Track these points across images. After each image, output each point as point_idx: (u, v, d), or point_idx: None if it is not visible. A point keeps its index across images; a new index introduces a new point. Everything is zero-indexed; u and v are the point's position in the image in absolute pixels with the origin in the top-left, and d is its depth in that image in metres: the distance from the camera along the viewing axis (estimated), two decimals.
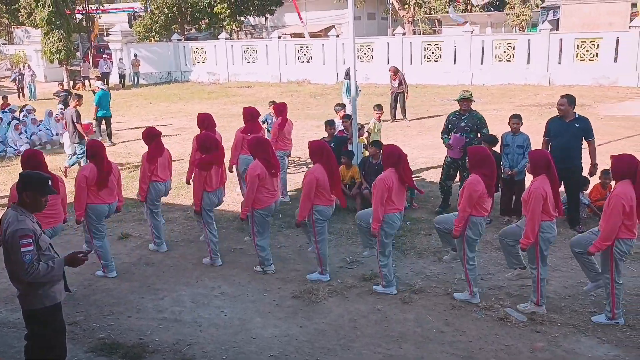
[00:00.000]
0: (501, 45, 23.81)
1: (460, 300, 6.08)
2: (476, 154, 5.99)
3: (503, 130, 8.72)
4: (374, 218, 6.06)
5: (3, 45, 40.19)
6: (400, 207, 6.21)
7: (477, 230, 5.93)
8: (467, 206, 5.81)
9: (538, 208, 5.54)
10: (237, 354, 5.22)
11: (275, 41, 28.04)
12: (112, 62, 29.61)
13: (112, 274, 6.93)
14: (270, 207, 6.70)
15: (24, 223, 4.03)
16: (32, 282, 4.08)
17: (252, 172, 6.51)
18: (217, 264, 7.13)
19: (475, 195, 5.78)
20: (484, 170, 5.87)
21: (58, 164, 12.81)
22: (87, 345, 5.40)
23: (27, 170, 4.60)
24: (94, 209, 6.63)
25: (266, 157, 6.61)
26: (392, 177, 6.07)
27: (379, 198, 6.00)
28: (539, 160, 5.78)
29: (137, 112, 20.64)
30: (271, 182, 6.63)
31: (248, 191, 6.55)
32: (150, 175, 7.39)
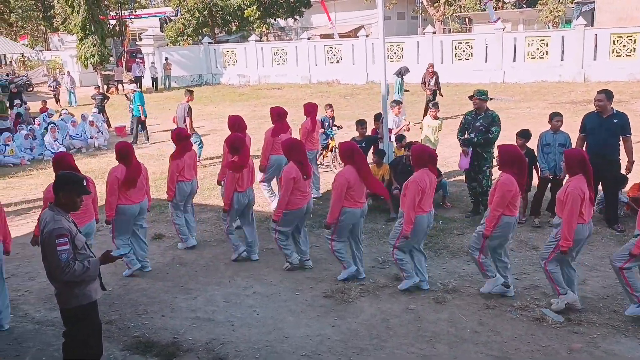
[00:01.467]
0: (534, 42, 23.39)
1: (483, 292, 5.99)
2: (507, 153, 5.84)
3: (536, 129, 8.55)
4: (406, 220, 5.96)
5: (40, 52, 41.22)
6: (428, 209, 6.12)
7: (507, 230, 5.81)
8: (499, 206, 5.69)
9: (576, 209, 5.38)
10: (270, 353, 5.23)
11: (305, 42, 28.11)
12: (144, 66, 30.09)
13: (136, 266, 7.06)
14: (302, 208, 6.71)
15: (60, 223, 4.12)
16: (68, 281, 4.17)
17: (287, 174, 6.53)
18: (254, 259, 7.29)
19: (508, 195, 5.66)
20: (515, 169, 5.74)
21: (92, 166, 13.09)
22: (122, 344, 5.48)
23: (64, 171, 4.69)
24: (124, 210, 6.76)
25: (300, 159, 6.63)
26: (425, 178, 5.99)
27: (411, 201, 5.92)
28: (575, 159, 5.60)
29: (170, 115, 20.85)
30: (304, 184, 6.65)
31: (283, 194, 6.57)
32: (177, 176, 7.55)
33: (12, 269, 7.43)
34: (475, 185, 8.49)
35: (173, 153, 7.68)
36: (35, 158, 14.63)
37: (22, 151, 14.70)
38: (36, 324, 6.00)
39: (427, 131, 10.70)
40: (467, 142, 8.27)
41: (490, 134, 8.13)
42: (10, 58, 41.67)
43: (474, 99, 8.28)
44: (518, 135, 8.14)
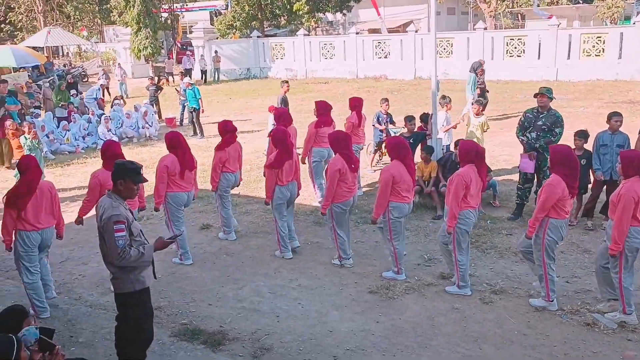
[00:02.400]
0: (590, 39, 22.60)
1: (536, 306, 5.82)
2: (558, 153, 5.66)
3: (591, 129, 8.28)
4: (450, 215, 5.91)
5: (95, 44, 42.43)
6: (476, 204, 6.04)
7: (558, 233, 5.63)
8: (543, 208, 5.53)
9: (628, 212, 5.19)
10: (314, 346, 5.26)
11: (353, 37, 27.99)
12: (194, 59, 30.59)
13: (188, 262, 7.19)
14: (349, 201, 6.72)
15: (117, 209, 4.25)
16: (123, 267, 4.30)
17: (333, 166, 6.55)
18: (288, 257, 7.23)
19: (554, 197, 5.48)
20: (565, 170, 5.55)
21: (143, 156, 13.42)
22: (170, 330, 5.61)
23: (122, 160, 4.83)
24: (173, 196, 6.93)
25: (347, 152, 6.64)
26: (471, 174, 5.91)
27: (455, 195, 5.85)
28: (631, 161, 5.37)
29: (218, 108, 21.21)
30: (351, 176, 6.65)
31: (329, 186, 6.60)
32: (221, 166, 7.67)
33: (66, 252, 7.71)
34: (529, 187, 8.28)
35: (218, 144, 7.82)
36: (89, 147, 15.09)
37: (77, 139, 15.19)
38: (89, 307, 6.20)
39: (472, 128, 10.51)
40: (530, 146, 8.01)
41: (553, 136, 7.90)
42: (67, 49, 43.06)
43: (541, 97, 7.99)
44: (576, 135, 7.91)
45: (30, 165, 5.81)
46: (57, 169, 12.67)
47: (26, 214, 5.70)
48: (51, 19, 43.97)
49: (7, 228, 5.75)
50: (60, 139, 14.82)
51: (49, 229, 5.94)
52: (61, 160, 13.60)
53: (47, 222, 5.89)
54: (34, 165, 5.85)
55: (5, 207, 5.75)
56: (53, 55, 38.67)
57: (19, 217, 5.70)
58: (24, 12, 44.10)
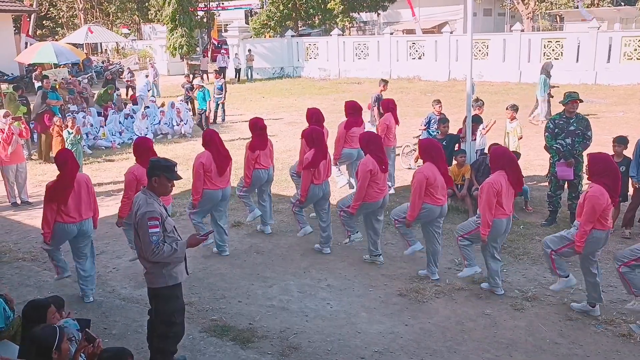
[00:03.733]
0: (631, 42, 22.04)
1: (578, 310, 5.73)
2: (598, 162, 5.51)
3: (631, 134, 8.08)
4: (482, 223, 5.85)
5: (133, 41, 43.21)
6: (509, 212, 5.95)
7: (598, 244, 5.53)
8: (589, 220, 5.38)
9: None
10: (342, 346, 5.27)
11: (387, 37, 27.87)
12: (228, 57, 30.88)
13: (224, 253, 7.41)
14: (378, 202, 6.72)
15: (152, 206, 4.34)
16: (157, 262, 4.38)
17: (364, 167, 6.55)
18: (326, 252, 7.37)
19: (599, 208, 5.34)
20: (606, 179, 5.41)
21: (177, 152, 13.61)
22: (201, 326, 5.69)
23: (157, 157, 4.92)
24: (209, 194, 7.04)
25: (378, 152, 6.63)
26: (501, 181, 5.82)
27: (487, 203, 5.78)
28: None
29: (251, 106, 21.39)
30: (381, 177, 6.64)
31: (360, 186, 6.61)
32: (254, 163, 7.74)
33: (102, 246, 7.87)
34: (560, 193, 8.12)
35: (249, 142, 7.89)
36: (124, 142, 15.37)
37: (113, 135, 15.50)
38: (122, 300, 6.33)
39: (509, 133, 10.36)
40: (568, 152, 7.84)
41: (587, 140, 7.75)
42: (105, 46, 43.95)
43: (573, 103, 7.78)
44: (615, 142, 7.72)
45: (68, 159, 5.95)
46: (93, 164, 12.93)
47: (66, 207, 5.86)
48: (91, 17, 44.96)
49: (48, 221, 5.91)
50: (96, 134, 15.13)
51: (87, 221, 6.10)
52: (98, 155, 13.88)
53: (86, 214, 6.06)
54: (71, 159, 5.99)
55: (46, 201, 5.90)
56: (92, 52, 39.54)
57: (59, 210, 5.85)
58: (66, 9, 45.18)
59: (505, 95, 20.16)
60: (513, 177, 5.90)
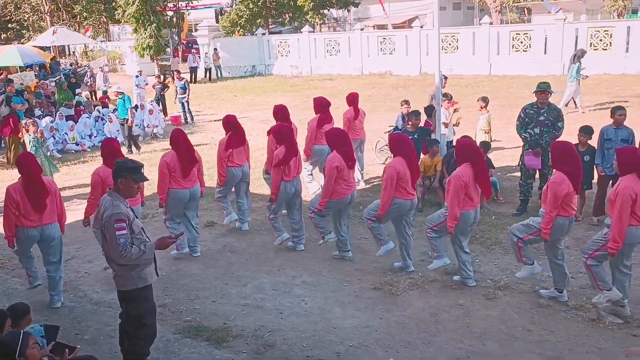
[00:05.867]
0: (597, 33, 22.45)
1: (547, 296, 5.81)
2: (560, 150, 5.60)
3: (598, 123, 8.22)
4: (450, 216, 5.88)
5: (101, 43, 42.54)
6: (476, 204, 6.01)
7: (561, 230, 5.60)
8: (553, 207, 5.46)
9: (627, 210, 5.10)
10: (317, 342, 5.27)
11: (358, 33, 27.92)
12: (199, 57, 30.61)
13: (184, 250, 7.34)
14: (346, 198, 6.72)
15: (118, 208, 4.27)
16: (125, 264, 4.32)
17: (331, 163, 6.55)
18: (300, 249, 7.34)
19: (560, 195, 5.42)
20: (568, 167, 5.48)
21: (148, 154, 13.45)
22: (174, 327, 5.63)
23: (123, 159, 4.85)
24: (174, 193, 7.00)
25: (344, 148, 6.63)
26: (468, 173, 5.87)
27: (454, 196, 5.81)
28: (627, 157, 5.30)
29: (223, 105, 21.25)
30: (348, 173, 6.65)
31: (327, 183, 6.60)
32: (226, 161, 7.73)
33: (73, 250, 7.75)
34: (531, 182, 8.24)
35: (223, 139, 7.87)
36: (95, 145, 15.14)
37: (82, 138, 15.26)
38: (94, 305, 6.24)
39: (479, 125, 10.47)
40: (535, 142, 7.95)
41: (557, 131, 7.85)
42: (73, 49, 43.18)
43: (542, 94, 7.88)
44: (581, 131, 7.85)
45: (29, 163, 5.86)
46: (63, 168, 12.72)
47: (26, 211, 5.75)
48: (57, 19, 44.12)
49: (9, 224, 5.82)
50: (65, 137, 14.86)
51: (51, 225, 5.98)
52: (68, 159, 13.66)
53: (49, 218, 5.94)
54: (33, 163, 5.89)
55: (6, 204, 5.79)
56: (60, 55, 38.82)
57: (19, 214, 5.75)
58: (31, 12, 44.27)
59: (476, 88, 20.36)
60: (478, 170, 5.93)
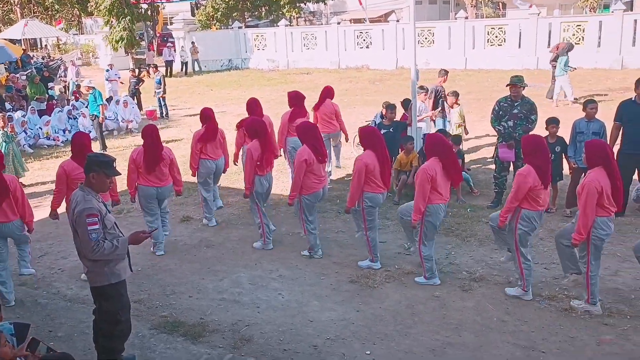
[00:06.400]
0: (570, 28, 22.76)
1: (511, 295, 5.84)
2: (530, 143, 5.65)
3: (571, 117, 8.35)
4: (415, 209, 5.89)
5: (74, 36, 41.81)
6: (446, 198, 6.03)
7: (530, 224, 5.63)
8: (515, 198, 5.52)
9: (591, 202, 5.18)
10: (295, 336, 5.26)
11: (335, 27, 27.91)
12: (175, 51, 30.28)
13: (159, 252, 7.24)
14: (318, 193, 6.70)
15: (90, 203, 4.20)
16: (98, 260, 4.26)
17: (300, 157, 6.52)
18: (269, 248, 7.23)
19: (524, 187, 5.46)
20: (536, 160, 5.53)
21: (120, 150, 13.28)
22: (150, 323, 5.58)
23: (95, 153, 4.78)
24: (141, 190, 7.01)
25: (314, 142, 6.62)
26: (436, 167, 5.88)
27: (420, 189, 5.83)
28: (595, 150, 5.37)
29: (199, 99, 21.07)
30: (319, 168, 6.63)
31: (296, 176, 6.58)
32: (199, 153, 7.78)
33: (45, 247, 7.63)
34: (505, 175, 8.33)
35: (197, 131, 7.92)
36: (68, 140, 14.89)
37: (56, 132, 15.00)
38: (68, 301, 6.15)
39: (453, 119, 10.55)
40: (509, 135, 8.02)
41: (530, 124, 7.94)
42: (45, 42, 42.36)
43: (513, 87, 7.94)
44: (549, 123, 7.96)
45: None
46: (35, 163, 12.50)
47: None
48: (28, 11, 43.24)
49: None
50: (39, 132, 14.59)
51: (10, 224, 5.93)
52: (40, 155, 13.42)
53: (6, 216, 5.87)
54: None
55: None
56: (31, 48, 38.06)
57: None
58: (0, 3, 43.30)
59: (452, 82, 20.39)
60: (448, 164, 5.93)
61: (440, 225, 6.31)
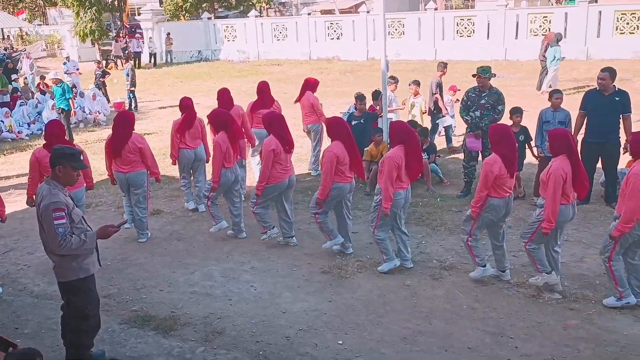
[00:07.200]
0: (537, 19, 23.13)
1: (474, 278, 5.94)
2: (496, 133, 5.72)
3: (538, 107, 8.49)
4: (384, 197, 5.91)
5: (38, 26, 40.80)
6: (406, 185, 6.08)
7: (495, 212, 5.72)
8: (483, 187, 5.60)
9: (558, 190, 5.28)
10: (267, 327, 5.26)
11: (305, 18, 27.82)
12: (143, 42, 29.81)
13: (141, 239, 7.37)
14: (283, 182, 6.70)
15: (56, 197, 4.11)
16: (65, 255, 4.18)
17: (267, 147, 6.51)
18: (242, 237, 7.26)
19: (491, 176, 5.54)
20: (502, 149, 5.61)
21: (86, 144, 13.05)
22: (120, 317, 5.51)
23: (60, 145, 4.67)
24: (114, 174, 7.20)
25: (281, 132, 6.62)
26: (401, 155, 5.92)
27: (389, 177, 5.86)
28: (558, 139, 5.46)
29: (169, 91, 20.82)
30: (285, 157, 6.64)
31: (263, 167, 6.55)
32: (178, 142, 7.86)
33: (11, 243, 7.46)
34: (474, 164, 8.44)
35: (176, 120, 8.01)
36: (34, 133, 14.58)
37: (20, 126, 14.65)
38: (35, 298, 6.03)
39: (413, 110, 10.63)
40: (475, 125, 8.12)
41: (496, 114, 8.04)
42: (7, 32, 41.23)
43: (478, 78, 8.11)
44: (511, 113, 8.10)
45: None
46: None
47: None
48: None
49: None
50: (1, 126, 14.21)
51: None
52: (4, 148, 13.10)
53: None
54: None
55: None
56: None
57: None
58: None
59: (422, 72, 20.56)
60: (410, 152, 5.96)
61: (403, 213, 6.32)
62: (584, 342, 4.87)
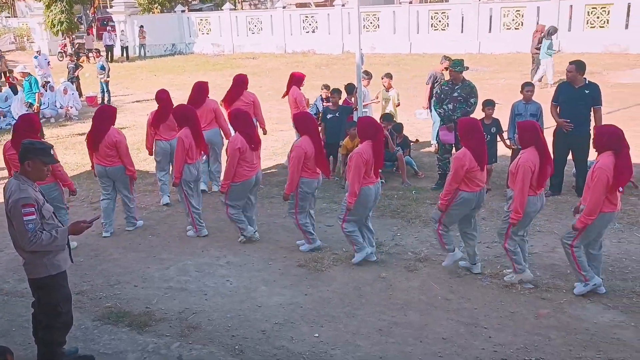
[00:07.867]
0: (509, 13, 23.38)
1: (446, 265, 6.02)
2: (465, 126, 5.77)
3: (511, 99, 8.59)
4: (350, 192, 5.92)
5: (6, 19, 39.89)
6: (375, 180, 6.08)
7: (466, 206, 5.77)
8: (453, 180, 5.64)
9: (526, 182, 5.34)
10: (243, 321, 5.25)
11: (280, 11, 27.69)
12: (115, 35, 29.36)
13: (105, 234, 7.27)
14: (250, 180, 6.66)
15: (26, 192, 4.03)
16: (36, 251, 4.10)
17: (233, 145, 6.46)
18: (203, 235, 7.16)
19: (461, 169, 5.58)
20: (471, 143, 5.64)
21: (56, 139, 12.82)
22: (93, 314, 5.44)
23: (30, 140, 4.57)
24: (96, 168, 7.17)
25: (246, 130, 6.59)
26: (370, 150, 5.92)
27: (356, 172, 5.85)
28: (527, 131, 5.52)
29: (142, 85, 20.55)
30: (251, 155, 6.59)
31: (229, 164, 6.51)
32: (153, 135, 7.92)
33: None
34: (448, 157, 8.51)
35: (152, 111, 8.06)
36: (2, 128, 14.26)
37: None
38: (5, 295, 5.93)
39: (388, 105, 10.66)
40: (448, 117, 8.19)
41: (469, 107, 8.11)
42: None
43: (450, 71, 8.21)
44: (484, 105, 8.19)
45: None
46: None
47: None
48: None
49: None
50: None
51: None
52: None
53: None
54: None
55: None
56: None
57: None
58: None
59: (397, 66, 20.73)
60: (376, 146, 5.95)
61: (374, 206, 6.33)
62: (555, 330, 4.96)
